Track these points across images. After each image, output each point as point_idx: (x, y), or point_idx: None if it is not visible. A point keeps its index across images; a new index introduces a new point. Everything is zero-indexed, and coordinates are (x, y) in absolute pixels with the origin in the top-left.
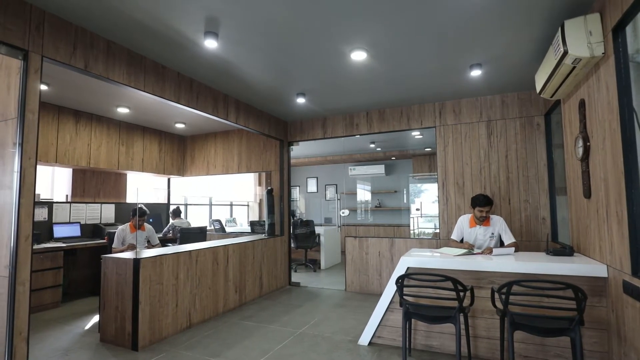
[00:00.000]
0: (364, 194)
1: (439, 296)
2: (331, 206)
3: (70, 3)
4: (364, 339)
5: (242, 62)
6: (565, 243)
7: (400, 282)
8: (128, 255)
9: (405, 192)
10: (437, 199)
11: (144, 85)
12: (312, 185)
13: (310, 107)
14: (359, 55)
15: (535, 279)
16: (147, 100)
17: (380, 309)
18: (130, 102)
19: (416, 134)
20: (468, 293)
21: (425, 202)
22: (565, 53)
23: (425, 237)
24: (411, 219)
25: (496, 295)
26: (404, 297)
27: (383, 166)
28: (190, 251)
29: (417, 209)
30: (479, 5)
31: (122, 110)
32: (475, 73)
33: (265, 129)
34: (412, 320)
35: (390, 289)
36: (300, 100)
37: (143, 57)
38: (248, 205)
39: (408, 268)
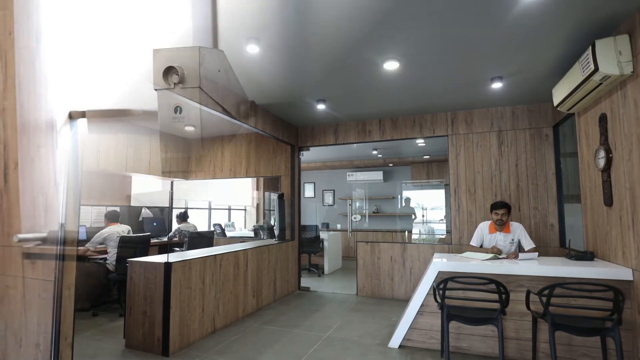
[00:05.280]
0: (362, 200)
1: (483, 298)
2: (328, 212)
3: None
4: (394, 341)
5: (273, 68)
6: (575, 249)
7: (442, 285)
8: (158, 259)
9: (399, 198)
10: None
11: None
12: (309, 191)
13: (328, 113)
14: (391, 65)
15: (569, 281)
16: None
17: (411, 312)
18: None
19: (419, 141)
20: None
21: (419, 208)
22: (595, 70)
23: (433, 242)
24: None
25: (531, 297)
26: (445, 299)
27: (381, 172)
28: (215, 255)
29: (414, 216)
30: (512, 22)
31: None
32: (496, 85)
33: (279, 133)
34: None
35: (421, 293)
36: (320, 107)
37: None
38: (245, 210)
39: (439, 272)
